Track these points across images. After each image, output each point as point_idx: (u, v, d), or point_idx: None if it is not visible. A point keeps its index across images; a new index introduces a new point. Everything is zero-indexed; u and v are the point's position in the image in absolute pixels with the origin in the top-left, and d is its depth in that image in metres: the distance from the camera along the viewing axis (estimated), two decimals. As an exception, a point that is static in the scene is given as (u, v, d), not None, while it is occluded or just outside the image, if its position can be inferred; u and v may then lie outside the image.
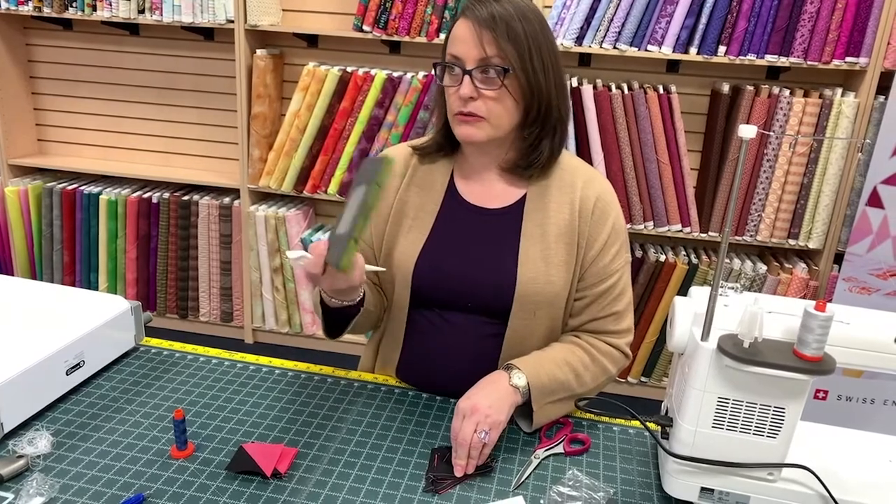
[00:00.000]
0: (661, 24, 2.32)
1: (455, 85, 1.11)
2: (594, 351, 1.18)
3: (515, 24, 1.08)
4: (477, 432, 1.01)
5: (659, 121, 2.40)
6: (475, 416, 1.03)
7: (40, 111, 3.09)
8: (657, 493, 1.01)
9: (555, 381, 1.12)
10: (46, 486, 0.93)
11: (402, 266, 1.20)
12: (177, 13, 2.60)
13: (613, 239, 1.19)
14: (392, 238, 1.22)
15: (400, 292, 1.22)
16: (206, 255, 2.90)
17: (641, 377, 2.70)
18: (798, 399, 0.89)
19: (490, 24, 1.07)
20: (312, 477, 1.00)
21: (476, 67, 1.09)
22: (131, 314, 1.28)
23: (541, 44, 1.10)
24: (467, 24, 1.09)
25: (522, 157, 1.18)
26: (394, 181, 1.24)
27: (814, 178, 2.37)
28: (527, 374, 1.10)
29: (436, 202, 1.22)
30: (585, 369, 1.16)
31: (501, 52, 1.08)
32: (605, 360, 1.18)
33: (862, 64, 2.26)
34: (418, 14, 2.45)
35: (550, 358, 1.14)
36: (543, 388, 1.11)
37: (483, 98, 1.10)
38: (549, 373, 1.12)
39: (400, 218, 1.22)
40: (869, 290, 2.30)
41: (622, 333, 1.21)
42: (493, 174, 1.22)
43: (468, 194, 1.22)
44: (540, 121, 1.14)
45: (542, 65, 1.10)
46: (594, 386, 1.18)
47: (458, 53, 1.10)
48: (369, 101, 2.57)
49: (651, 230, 2.52)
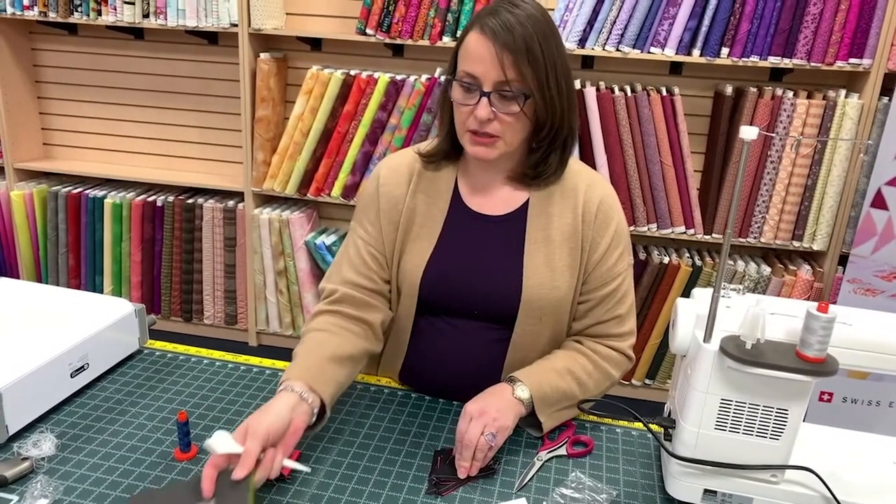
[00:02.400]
0: (663, 27, 2.32)
1: (469, 104, 1.09)
2: (596, 357, 1.18)
3: (535, 46, 1.05)
4: (484, 434, 1.01)
5: (662, 123, 2.40)
6: (483, 418, 1.02)
7: (46, 115, 3.11)
8: (660, 496, 1.01)
9: (558, 392, 1.12)
10: (51, 489, 0.93)
11: (410, 275, 1.19)
12: (181, 17, 2.61)
13: (616, 242, 1.18)
14: (402, 246, 1.21)
15: (406, 300, 1.22)
16: (211, 258, 2.91)
17: (646, 379, 2.70)
18: (801, 400, 0.89)
19: (511, 46, 1.04)
20: (315, 479, 1.00)
21: (494, 91, 1.07)
22: (135, 317, 1.29)
23: (557, 64, 1.08)
24: (485, 42, 1.05)
25: (530, 168, 1.17)
26: (400, 188, 1.22)
27: (818, 179, 2.36)
28: (529, 387, 1.10)
29: (442, 210, 1.21)
30: (588, 377, 1.15)
31: (521, 76, 1.05)
32: (608, 365, 1.18)
33: (865, 65, 2.25)
34: (421, 17, 2.46)
35: (552, 368, 1.14)
36: (547, 400, 1.11)
37: (499, 118, 1.09)
38: (551, 383, 1.12)
39: (409, 226, 1.21)
40: (874, 292, 2.29)
41: (625, 336, 1.21)
42: (497, 181, 1.21)
43: (472, 202, 1.21)
44: (551, 136, 1.13)
45: (558, 86, 1.09)
46: (598, 392, 1.18)
47: (475, 73, 1.07)
48: (373, 104, 2.57)
49: (654, 232, 2.52)
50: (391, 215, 1.21)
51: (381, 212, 1.21)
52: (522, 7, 1.07)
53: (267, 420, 0.92)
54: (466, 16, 2.43)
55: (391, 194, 1.22)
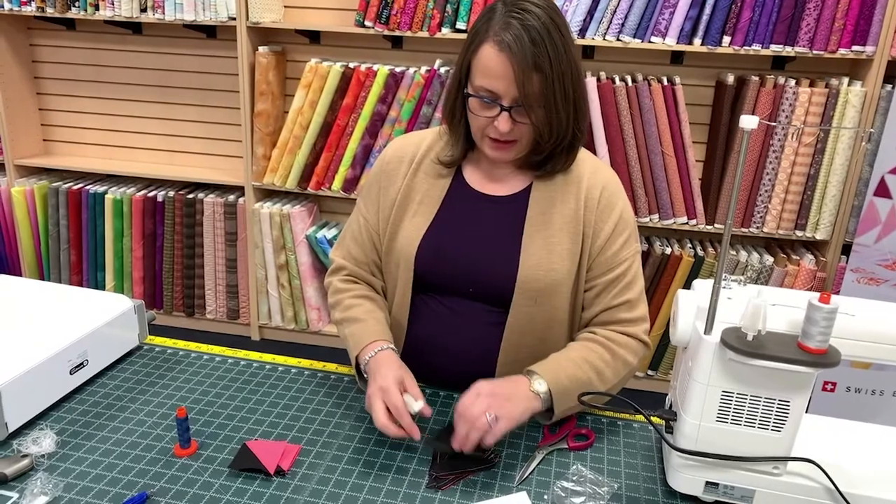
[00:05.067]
0: (664, 16, 2.30)
1: (488, 116, 1.10)
2: (612, 345, 1.15)
3: (545, 62, 1.04)
4: (487, 414, 0.98)
5: (663, 113, 2.38)
6: (490, 399, 1.01)
7: (45, 111, 3.10)
8: (661, 488, 1.00)
9: (576, 382, 1.09)
10: (51, 485, 0.93)
11: (406, 249, 1.20)
12: (179, 11, 2.59)
13: (621, 228, 1.18)
14: (397, 222, 1.23)
15: (403, 276, 1.22)
16: (212, 252, 2.91)
17: (648, 370, 2.69)
18: (803, 392, 0.88)
19: (534, 62, 1.04)
20: (316, 474, 1.00)
21: (516, 105, 1.08)
22: (134, 313, 1.29)
23: (566, 72, 1.07)
24: (502, 59, 1.05)
25: (538, 158, 1.18)
26: (402, 167, 1.24)
27: (820, 168, 2.34)
28: (547, 380, 1.07)
29: (442, 188, 1.23)
30: (606, 365, 1.13)
31: (542, 91, 1.06)
32: (625, 353, 1.16)
33: (868, 53, 2.23)
34: (420, 8, 2.44)
35: (569, 358, 1.13)
36: (565, 391, 1.08)
37: (517, 125, 1.10)
38: (569, 374, 1.10)
39: (406, 203, 1.23)
40: (877, 281, 2.28)
41: (636, 322, 1.19)
42: (504, 167, 1.22)
43: (474, 181, 1.23)
44: (556, 140, 1.14)
45: (565, 95, 1.09)
46: (617, 381, 1.15)
47: (495, 89, 1.07)
48: (372, 96, 2.56)
49: (656, 223, 2.50)
50: (390, 192, 1.24)
51: (381, 189, 1.25)
52: (533, 12, 1.05)
53: (394, 375, 1.06)
54: (465, 6, 2.41)
55: (393, 172, 1.25)
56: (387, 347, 1.13)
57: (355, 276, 1.28)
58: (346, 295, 1.24)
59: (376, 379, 1.06)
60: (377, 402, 1.02)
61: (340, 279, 1.28)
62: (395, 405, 1.01)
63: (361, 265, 1.27)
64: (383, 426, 1.00)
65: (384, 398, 1.02)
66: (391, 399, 1.01)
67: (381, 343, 1.13)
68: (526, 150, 1.16)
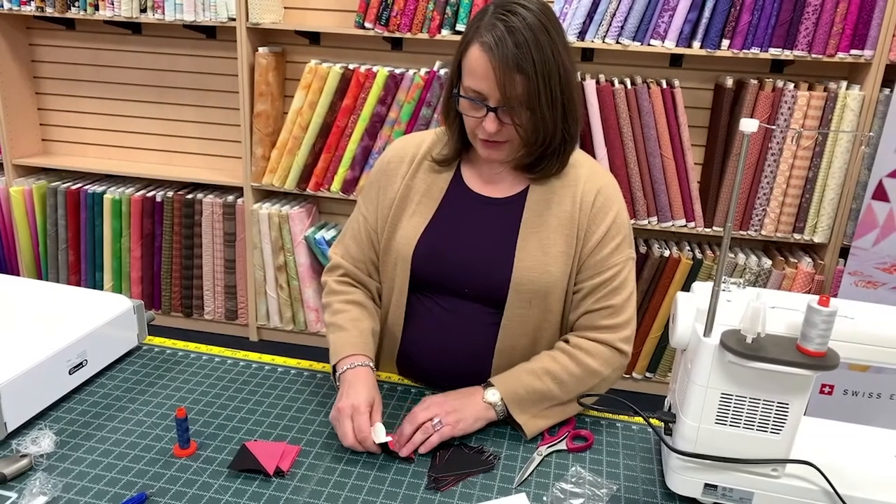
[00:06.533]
0: (663, 19, 2.30)
1: (476, 116, 1.11)
2: (580, 354, 1.15)
3: (528, 64, 1.04)
4: (432, 421, 1.05)
5: (662, 115, 2.39)
6: (438, 408, 1.07)
7: (44, 111, 3.10)
8: (660, 490, 1.00)
9: (535, 393, 1.11)
10: (50, 486, 0.93)
11: (403, 248, 1.21)
12: (178, 12, 2.59)
13: (614, 233, 1.18)
14: (395, 221, 1.23)
15: (400, 275, 1.23)
16: (210, 253, 2.91)
17: (646, 373, 2.70)
18: (801, 394, 0.89)
19: (515, 64, 1.04)
20: (315, 475, 1.00)
21: (500, 106, 1.08)
22: (133, 313, 1.29)
23: (552, 75, 1.07)
24: (486, 60, 1.05)
25: (532, 160, 1.18)
26: (402, 167, 1.25)
27: (819, 171, 2.35)
28: (501, 391, 1.11)
29: (441, 188, 1.23)
30: (570, 375, 1.13)
31: (526, 93, 1.06)
32: (592, 361, 1.14)
33: (867, 56, 2.24)
34: (420, 10, 2.45)
35: (529, 369, 1.14)
36: (521, 402, 1.11)
37: (506, 127, 1.11)
38: (526, 385, 1.11)
39: (405, 202, 1.23)
40: (875, 284, 2.28)
41: (615, 328, 1.17)
42: (501, 170, 1.23)
43: (473, 183, 1.24)
44: (545, 144, 1.14)
45: (551, 99, 1.08)
46: (582, 389, 1.15)
47: (481, 90, 1.08)
48: (371, 98, 2.56)
49: (655, 225, 2.51)
50: (389, 192, 1.25)
51: (381, 189, 1.26)
52: (520, 14, 1.05)
53: (366, 395, 1.07)
54: (465, 8, 2.42)
55: (393, 172, 1.25)
56: (363, 364, 1.14)
57: (351, 277, 1.28)
58: (337, 298, 1.25)
59: (349, 395, 1.07)
60: (346, 421, 1.04)
61: (336, 279, 1.29)
62: (360, 429, 1.03)
63: (359, 264, 1.28)
64: (350, 446, 1.03)
65: (354, 417, 1.04)
66: (359, 422, 1.03)
67: (359, 357, 1.15)
68: (519, 152, 1.16)
